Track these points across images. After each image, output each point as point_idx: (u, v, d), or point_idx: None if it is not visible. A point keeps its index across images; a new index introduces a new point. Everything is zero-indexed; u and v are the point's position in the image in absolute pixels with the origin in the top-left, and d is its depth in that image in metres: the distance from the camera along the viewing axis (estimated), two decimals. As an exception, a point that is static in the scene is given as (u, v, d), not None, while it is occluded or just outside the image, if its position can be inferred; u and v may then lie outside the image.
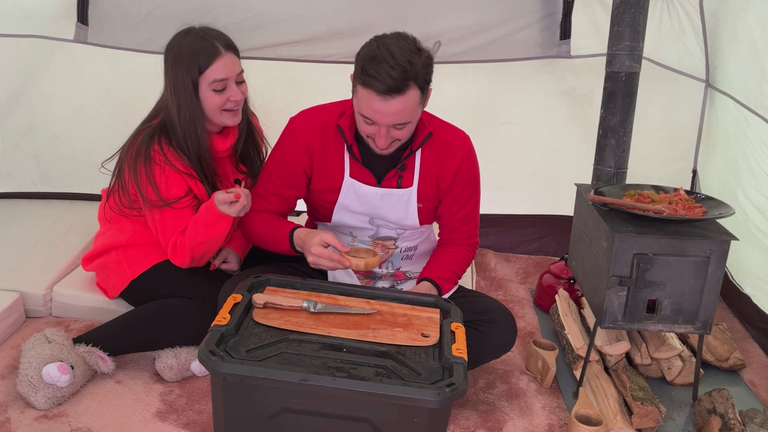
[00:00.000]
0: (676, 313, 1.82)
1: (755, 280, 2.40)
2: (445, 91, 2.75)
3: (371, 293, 1.77)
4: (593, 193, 1.95)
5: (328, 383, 1.35)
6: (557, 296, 2.37)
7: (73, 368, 1.81)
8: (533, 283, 2.79)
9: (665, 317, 1.82)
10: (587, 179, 2.45)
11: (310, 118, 1.92)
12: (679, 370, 2.05)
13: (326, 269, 1.84)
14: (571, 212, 2.23)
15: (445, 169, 1.91)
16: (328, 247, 1.78)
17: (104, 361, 1.89)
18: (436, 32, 2.74)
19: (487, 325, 1.87)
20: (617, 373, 2.00)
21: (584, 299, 2.33)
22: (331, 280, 1.96)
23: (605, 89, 2.31)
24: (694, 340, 2.16)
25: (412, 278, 2.06)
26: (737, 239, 1.76)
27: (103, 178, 2.13)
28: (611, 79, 2.28)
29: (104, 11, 2.75)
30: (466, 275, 2.49)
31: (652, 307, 1.83)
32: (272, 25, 2.76)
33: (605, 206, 1.90)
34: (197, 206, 1.97)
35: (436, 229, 2.11)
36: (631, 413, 1.84)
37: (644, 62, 2.31)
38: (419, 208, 1.93)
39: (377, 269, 2.02)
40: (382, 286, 2.02)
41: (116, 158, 2.04)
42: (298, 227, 1.91)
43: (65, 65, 2.89)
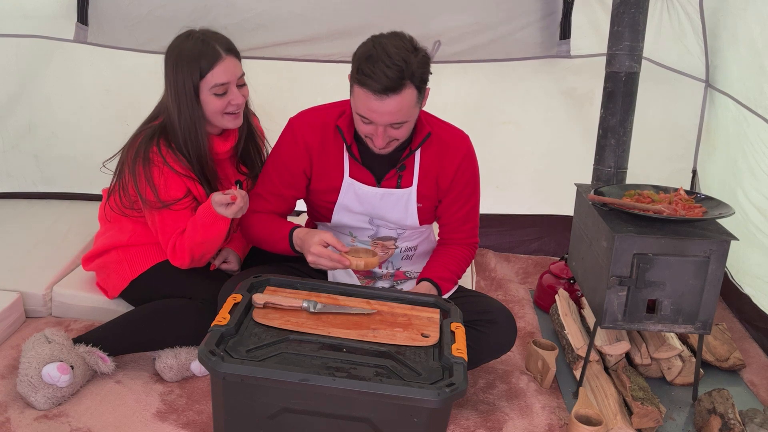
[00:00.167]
0: (676, 313, 1.82)
1: (755, 280, 2.40)
2: (444, 90, 2.76)
3: (371, 293, 1.77)
4: (593, 193, 1.95)
5: (328, 383, 1.35)
6: (557, 296, 2.37)
7: (73, 368, 1.81)
8: (533, 283, 2.79)
9: (665, 317, 1.82)
10: (587, 179, 2.45)
11: (309, 118, 1.92)
12: (679, 370, 2.05)
13: (326, 269, 1.84)
14: (571, 212, 2.23)
15: (444, 168, 1.91)
16: (327, 246, 1.78)
17: (104, 361, 1.89)
18: (435, 32, 2.73)
19: (487, 325, 1.86)
20: (617, 373, 2.00)
21: (584, 299, 2.33)
22: (331, 280, 1.96)
23: (605, 89, 2.31)
24: (694, 340, 2.16)
25: (412, 278, 2.06)
26: (737, 239, 1.76)
27: (103, 178, 2.13)
28: (611, 79, 2.28)
29: (104, 11, 2.75)
30: (466, 275, 2.49)
31: (652, 307, 1.83)
32: (272, 25, 2.76)
33: (605, 206, 1.90)
34: (197, 208, 1.97)
35: (435, 229, 2.11)
36: (631, 413, 1.84)
37: (644, 62, 2.30)
38: (419, 208, 1.93)
39: (377, 269, 2.02)
40: (382, 286, 2.02)
41: (117, 158, 2.04)
42: (297, 227, 1.91)
43: (65, 65, 2.89)
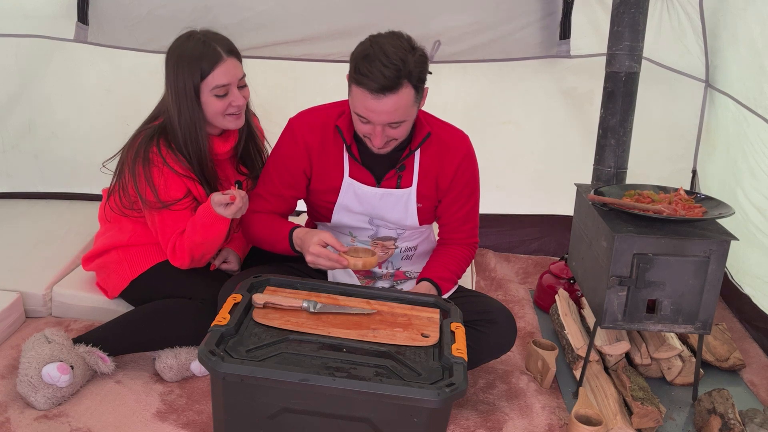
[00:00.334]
0: (675, 313, 1.82)
1: (755, 280, 2.40)
2: (444, 90, 2.76)
3: (371, 293, 1.77)
4: (593, 193, 1.95)
5: (327, 383, 1.35)
6: (557, 296, 2.37)
7: (72, 368, 1.81)
8: (533, 283, 2.79)
9: (665, 317, 1.82)
10: (587, 179, 2.45)
11: (308, 118, 1.92)
12: (679, 370, 2.05)
13: (324, 269, 1.84)
14: (571, 212, 2.23)
15: (444, 169, 1.91)
16: (326, 246, 1.78)
17: (104, 361, 1.89)
18: (435, 32, 2.73)
19: (487, 325, 1.86)
20: (617, 373, 2.00)
21: (584, 299, 2.33)
22: (331, 280, 1.96)
23: (605, 89, 2.31)
24: (693, 340, 2.16)
25: (411, 278, 2.06)
26: (737, 239, 1.76)
27: (103, 178, 2.13)
28: (611, 79, 2.28)
29: (104, 11, 2.75)
30: (466, 275, 2.49)
31: (651, 307, 1.83)
32: (272, 24, 2.76)
33: (605, 206, 1.90)
34: (197, 208, 1.97)
35: (435, 229, 2.11)
36: (631, 413, 1.84)
37: (644, 62, 2.30)
38: (419, 208, 1.93)
39: (377, 269, 2.02)
40: (382, 286, 2.02)
41: (117, 158, 2.04)
42: (297, 227, 1.91)
43: (65, 65, 2.89)
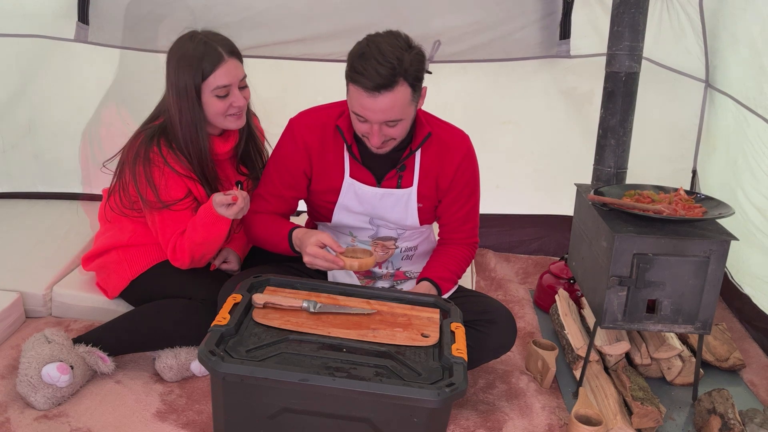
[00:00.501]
0: (675, 313, 1.82)
1: (755, 280, 2.40)
2: (444, 90, 2.76)
3: (371, 293, 1.77)
4: (593, 193, 1.95)
5: (327, 383, 1.35)
6: (557, 296, 2.37)
7: (72, 368, 1.81)
8: (533, 283, 2.79)
9: (665, 317, 1.82)
10: (587, 179, 2.45)
11: (308, 119, 1.92)
12: (679, 370, 2.05)
13: (321, 269, 1.84)
14: (571, 212, 2.23)
15: (444, 168, 1.91)
16: (324, 247, 1.78)
17: (104, 361, 1.89)
18: (436, 32, 2.73)
19: (487, 325, 1.86)
20: (617, 373, 2.00)
21: (584, 299, 2.33)
22: (331, 280, 1.96)
23: (605, 89, 2.31)
24: (693, 340, 2.16)
25: (412, 278, 2.06)
26: (737, 239, 1.76)
27: (103, 177, 2.13)
28: (611, 79, 2.28)
29: (105, 10, 2.75)
30: (466, 275, 2.49)
31: (651, 307, 1.83)
32: (272, 24, 2.76)
33: (605, 206, 1.90)
34: (197, 208, 1.97)
35: (435, 228, 2.11)
36: (631, 413, 1.84)
37: (644, 62, 2.30)
38: (419, 208, 1.93)
39: (377, 269, 2.02)
40: (381, 286, 2.02)
41: (117, 158, 2.04)
42: (296, 227, 1.91)
43: (65, 65, 2.89)
